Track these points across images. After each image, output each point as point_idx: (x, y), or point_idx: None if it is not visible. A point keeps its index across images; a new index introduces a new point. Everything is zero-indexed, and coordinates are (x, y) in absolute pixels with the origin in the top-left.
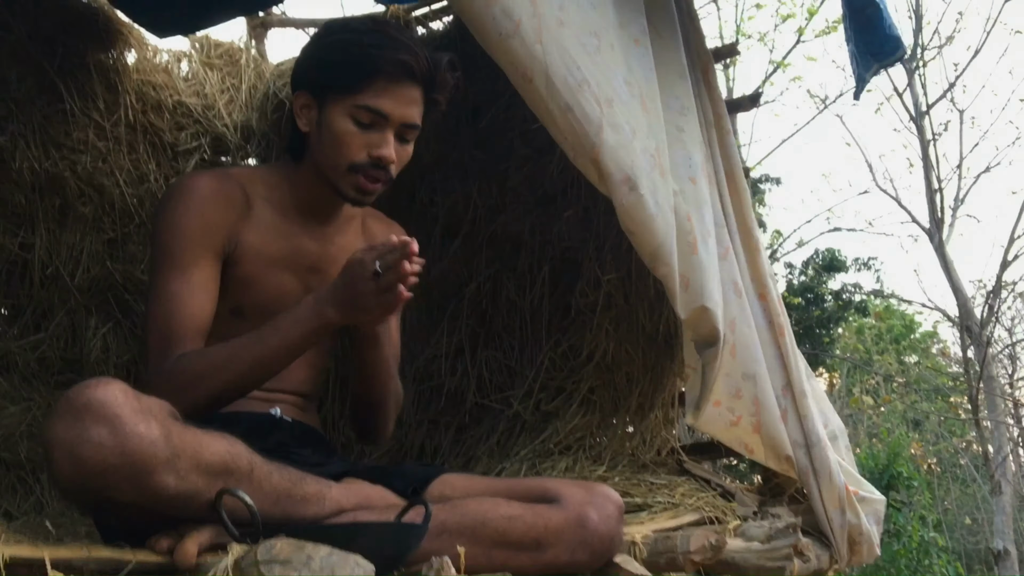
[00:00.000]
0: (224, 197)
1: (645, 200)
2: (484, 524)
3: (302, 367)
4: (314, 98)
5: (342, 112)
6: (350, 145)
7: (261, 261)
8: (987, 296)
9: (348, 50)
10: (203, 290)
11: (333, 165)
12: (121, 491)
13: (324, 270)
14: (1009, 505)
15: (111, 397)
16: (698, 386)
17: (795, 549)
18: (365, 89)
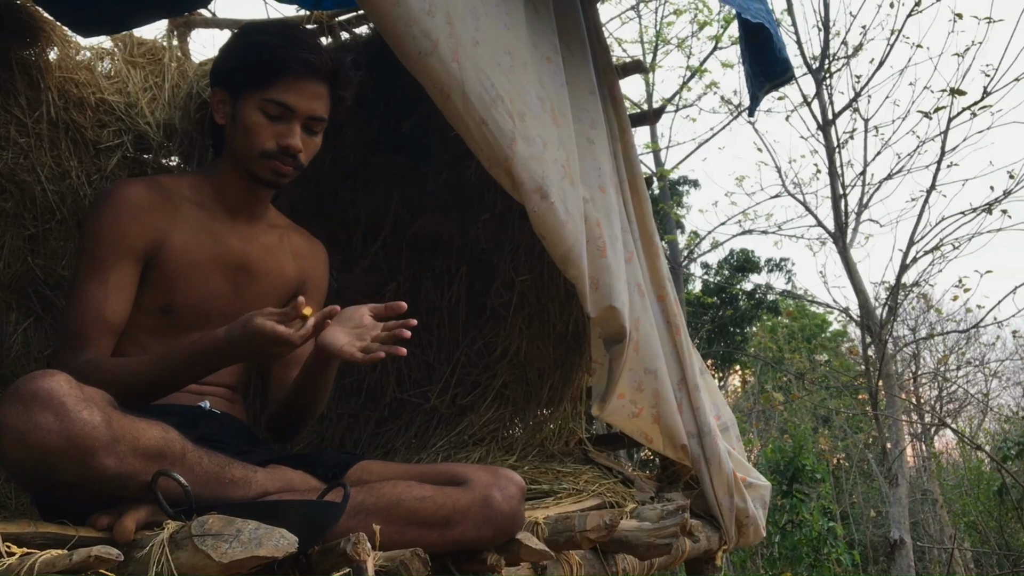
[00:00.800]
0: (149, 204)
1: (556, 207)
2: (398, 504)
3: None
4: (228, 94)
5: (253, 106)
6: (260, 135)
7: (188, 261)
8: (887, 296)
9: (259, 50)
10: (119, 293)
11: (247, 153)
12: (65, 472)
13: (250, 268)
14: (905, 497)
15: (56, 386)
16: (604, 380)
17: (683, 528)
18: (274, 85)
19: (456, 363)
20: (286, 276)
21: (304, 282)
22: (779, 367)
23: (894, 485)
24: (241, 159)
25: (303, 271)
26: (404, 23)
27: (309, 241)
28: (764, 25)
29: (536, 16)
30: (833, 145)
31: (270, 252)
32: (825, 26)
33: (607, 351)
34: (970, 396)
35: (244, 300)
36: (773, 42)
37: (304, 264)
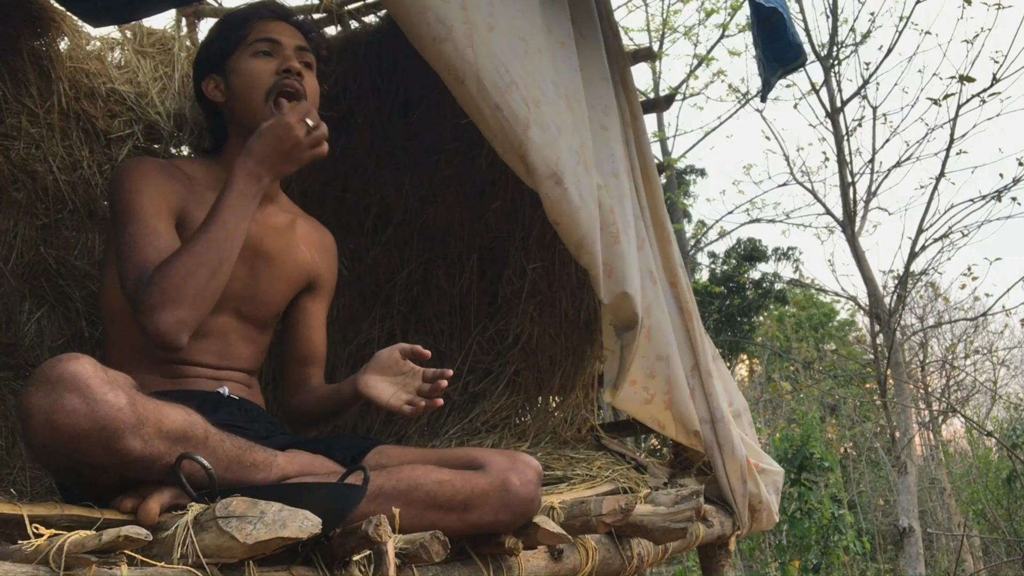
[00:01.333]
0: (170, 175)
1: (570, 193)
2: (416, 488)
3: (245, 344)
4: (215, 73)
5: (242, 59)
6: (259, 75)
7: None
8: (896, 285)
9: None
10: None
11: (252, 105)
12: (92, 454)
13: (264, 250)
14: (914, 485)
15: (82, 369)
16: (616, 367)
17: (697, 513)
18: (250, 32)
19: (468, 350)
20: (299, 262)
21: (317, 273)
22: (787, 356)
23: (903, 473)
24: (249, 114)
25: (315, 261)
26: (419, 9)
27: (319, 230)
28: (777, 9)
29: (550, 1)
30: (842, 133)
31: (282, 235)
32: (833, 13)
33: (619, 338)
34: (979, 384)
35: (259, 282)
36: (786, 27)
37: (316, 254)
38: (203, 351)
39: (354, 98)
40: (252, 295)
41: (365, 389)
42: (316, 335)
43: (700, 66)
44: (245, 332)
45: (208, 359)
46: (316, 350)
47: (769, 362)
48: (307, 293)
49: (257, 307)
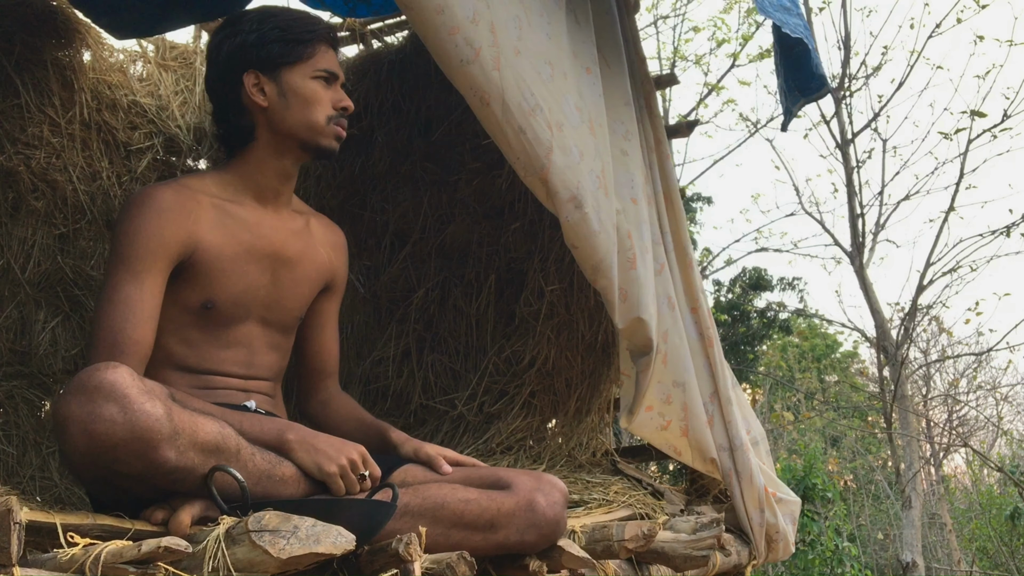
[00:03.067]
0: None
1: (589, 218)
2: (443, 507)
3: (270, 351)
4: (263, 74)
5: (304, 77)
6: (322, 102)
7: (225, 256)
8: (903, 318)
9: (292, 27)
10: (153, 297)
11: (311, 123)
12: (129, 464)
13: (284, 255)
14: (918, 519)
15: (120, 378)
16: (632, 392)
17: (718, 541)
18: (315, 55)
19: (484, 371)
20: (318, 263)
21: (334, 272)
22: (790, 386)
23: (907, 507)
24: (301, 132)
25: (332, 261)
26: (447, 31)
27: (331, 228)
28: (803, 40)
29: (577, 26)
30: (852, 164)
31: (300, 238)
32: (846, 45)
33: (634, 363)
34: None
35: (282, 288)
36: (811, 57)
37: (331, 254)
38: (230, 360)
39: (375, 116)
40: (276, 301)
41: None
42: (331, 336)
43: (710, 95)
44: (270, 339)
45: (236, 369)
46: (332, 352)
47: (771, 392)
48: (323, 293)
49: (281, 313)
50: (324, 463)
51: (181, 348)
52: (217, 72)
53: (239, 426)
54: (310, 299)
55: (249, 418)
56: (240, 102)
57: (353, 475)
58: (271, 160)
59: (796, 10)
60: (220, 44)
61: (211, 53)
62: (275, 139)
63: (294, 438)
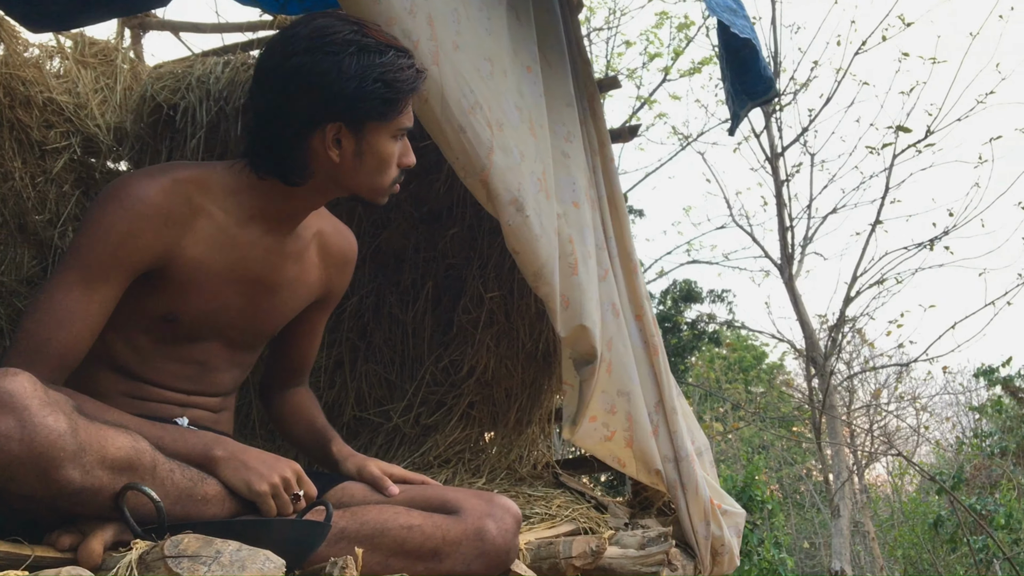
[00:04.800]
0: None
1: (531, 221)
2: (383, 533)
3: (229, 369)
4: (346, 127)
5: (387, 136)
6: (392, 162)
7: (202, 272)
8: (830, 329)
9: (396, 83)
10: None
11: (378, 185)
12: (25, 484)
13: (270, 281)
14: (846, 528)
15: (19, 388)
16: (575, 402)
17: (667, 557)
18: (403, 111)
19: (420, 381)
20: (308, 285)
21: (330, 288)
22: (720, 396)
23: (836, 516)
24: (360, 191)
25: (330, 278)
26: (385, 22)
27: (339, 240)
28: (750, 41)
29: (518, 24)
30: (781, 178)
31: (297, 263)
32: (775, 61)
33: (578, 372)
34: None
35: (259, 312)
36: (758, 59)
37: (332, 270)
38: (179, 375)
39: None
40: (248, 324)
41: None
42: (311, 343)
43: (642, 108)
44: (231, 357)
45: (182, 384)
46: (307, 358)
47: (700, 403)
48: (315, 304)
49: (251, 335)
50: (254, 481)
51: (126, 351)
52: (289, 98)
53: (158, 440)
54: (290, 318)
55: (171, 431)
56: (306, 144)
57: (286, 495)
58: (306, 198)
59: (742, 12)
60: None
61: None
62: (328, 187)
63: (222, 454)
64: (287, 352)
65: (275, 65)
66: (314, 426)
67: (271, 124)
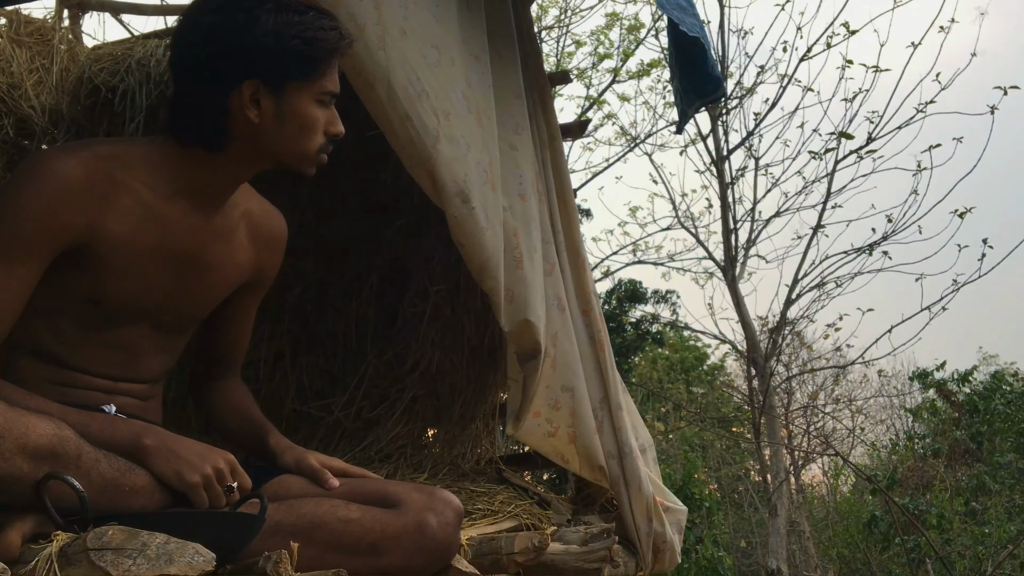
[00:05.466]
0: (85, 186)
1: (476, 214)
2: (320, 526)
3: (157, 354)
4: (266, 86)
5: (309, 98)
6: (317, 128)
7: (126, 251)
8: (771, 332)
9: (316, 41)
10: (22, 287)
11: (302, 151)
12: None
13: (199, 260)
14: (783, 527)
15: None
16: (519, 398)
17: (609, 553)
18: (327, 73)
19: (363, 375)
20: (239, 266)
21: (261, 270)
22: (662, 396)
23: (773, 515)
24: (283, 158)
25: (260, 259)
26: (331, 4)
27: (269, 220)
28: (699, 39)
29: (468, 12)
30: (726, 181)
31: (226, 241)
32: (723, 64)
33: (521, 367)
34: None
35: (187, 293)
36: (706, 58)
37: (262, 251)
38: (104, 361)
39: None
40: (176, 306)
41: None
42: (243, 330)
43: (591, 108)
44: (160, 342)
45: (108, 370)
46: (239, 346)
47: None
48: (244, 289)
49: (179, 318)
50: (185, 472)
51: (49, 336)
52: (204, 57)
53: (84, 428)
54: (219, 301)
55: (98, 419)
56: (224, 105)
57: (219, 487)
58: (231, 168)
59: (692, 10)
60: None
61: (203, 29)
62: (251, 154)
63: (151, 443)
64: (217, 340)
65: (191, 25)
66: (249, 419)
67: (190, 87)
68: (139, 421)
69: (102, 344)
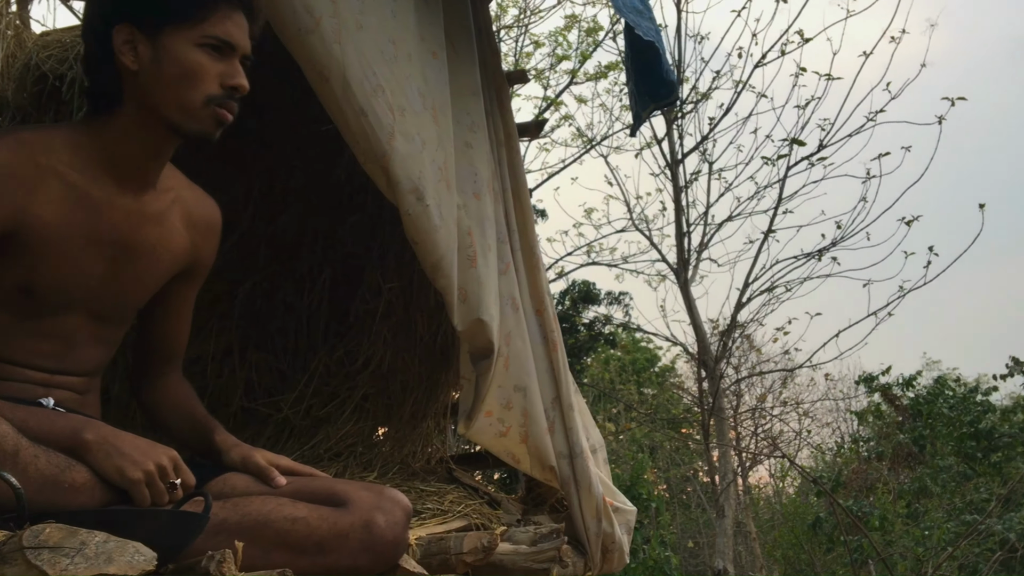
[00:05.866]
0: (11, 176)
1: (431, 211)
2: (265, 525)
3: (94, 345)
4: (142, 32)
5: (188, 43)
6: (204, 77)
7: (56, 237)
8: (721, 334)
9: None
10: None
11: (185, 102)
12: None
13: (132, 246)
14: (730, 528)
15: None
16: (471, 397)
17: (558, 553)
18: (208, 18)
19: (313, 372)
20: (174, 252)
21: (197, 257)
22: (614, 397)
23: (720, 516)
24: (172, 110)
25: (195, 246)
26: None
27: (203, 205)
28: (654, 44)
29: (425, 7)
30: (680, 184)
31: (159, 225)
32: (679, 69)
33: (474, 366)
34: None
35: (122, 280)
36: (661, 62)
37: (197, 237)
38: (40, 353)
39: None
40: (112, 294)
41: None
42: (182, 322)
43: (549, 108)
44: (96, 332)
45: (44, 362)
46: (179, 340)
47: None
48: (179, 277)
49: (116, 306)
50: (127, 468)
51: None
52: (91, 12)
53: (22, 424)
54: (156, 290)
55: (36, 414)
56: (110, 57)
57: (162, 484)
58: (136, 133)
59: (648, 14)
60: None
61: None
62: (143, 111)
63: (92, 438)
64: (155, 333)
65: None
66: (193, 416)
67: (86, 48)
68: (80, 416)
69: (37, 335)
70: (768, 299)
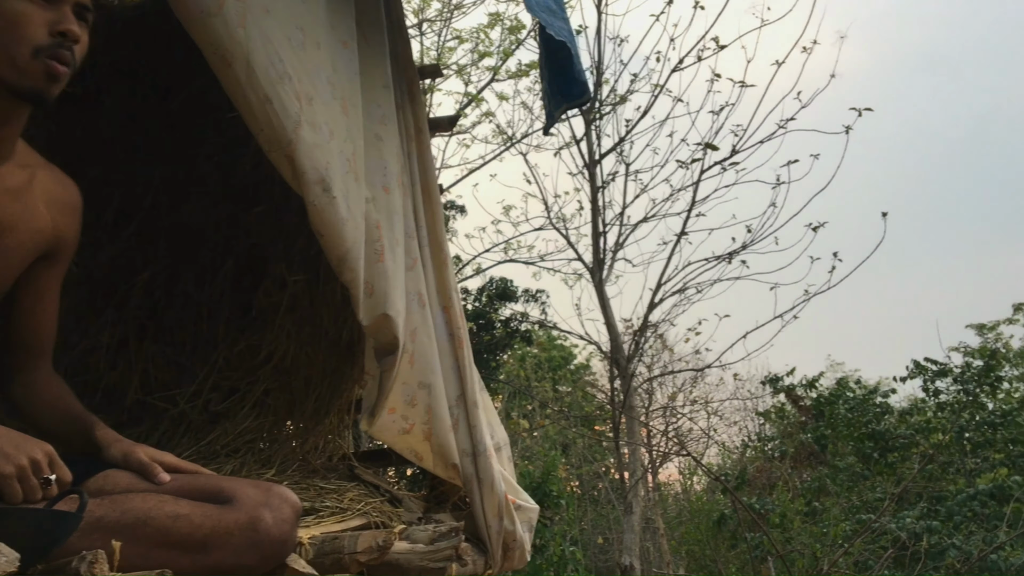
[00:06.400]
0: None
1: (337, 203)
2: (145, 523)
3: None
4: None
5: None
6: (28, 25)
7: None
8: (634, 334)
9: None
10: None
11: (11, 55)
12: None
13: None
14: (637, 524)
15: None
16: (375, 393)
17: (456, 551)
18: None
19: (213, 366)
20: (36, 230)
21: (59, 237)
22: (527, 394)
23: (628, 513)
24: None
25: (57, 226)
26: None
27: (62, 184)
28: (566, 44)
29: None
30: (597, 184)
31: (17, 199)
32: (598, 71)
33: (378, 362)
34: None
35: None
36: (573, 63)
37: (58, 216)
38: None
39: (104, 77)
40: None
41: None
42: (48, 311)
43: (470, 105)
44: None
45: None
46: (47, 331)
47: (509, 400)
48: (43, 261)
49: None
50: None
51: None
52: None
53: None
54: (21, 270)
55: None
56: None
57: (35, 479)
58: None
59: (562, 14)
60: None
61: None
62: None
63: None
64: (20, 324)
65: None
66: (70, 413)
67: None
68: None
69: None
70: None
